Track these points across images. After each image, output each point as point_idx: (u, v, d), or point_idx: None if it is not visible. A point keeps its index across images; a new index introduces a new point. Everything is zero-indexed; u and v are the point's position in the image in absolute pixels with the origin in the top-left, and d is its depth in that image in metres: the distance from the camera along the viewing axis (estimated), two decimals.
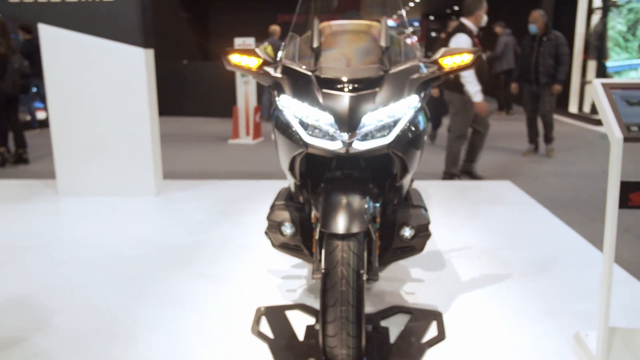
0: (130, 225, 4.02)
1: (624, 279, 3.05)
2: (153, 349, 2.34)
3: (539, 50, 6.57)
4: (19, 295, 2.86)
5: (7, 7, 4.49)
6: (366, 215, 2.03)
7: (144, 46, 4.50)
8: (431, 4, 18.47)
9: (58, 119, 4.66)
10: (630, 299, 2.80)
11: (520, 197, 4.72)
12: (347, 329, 1.95)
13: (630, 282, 3.03)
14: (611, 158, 1.99)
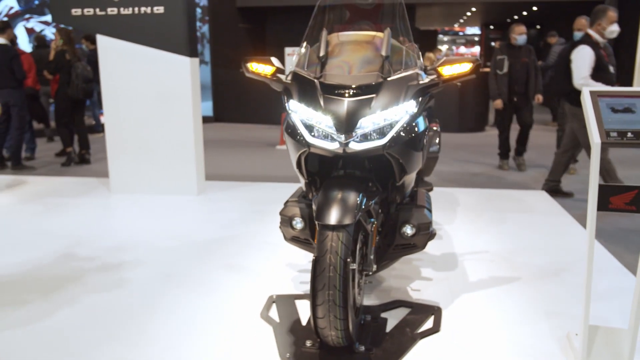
0: (169, 220, 4.36)
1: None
2: (171, 325, 2.61)
3: None
4: (63, 274, 3.22)
5: (69, 19, 4.97)
6: (357, 209, 2.21)
7: (190, 55, 4.86)
8: (491, 13, 18.25)
9: (112, 123, 5.09)
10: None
11: (552, 208, 4.71)
12: (335, 311, 2.13)
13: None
14: (591, 162, 2.09)
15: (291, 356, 2.32)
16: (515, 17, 17.66)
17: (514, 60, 6.29)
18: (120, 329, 2.59)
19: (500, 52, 6.46)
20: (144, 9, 4.81)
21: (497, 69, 6.35)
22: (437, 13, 16.66)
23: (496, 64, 6.36)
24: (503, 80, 6.32)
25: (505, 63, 6.28)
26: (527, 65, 6.29)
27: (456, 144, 8.72)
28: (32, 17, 13.61)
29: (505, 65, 6.28)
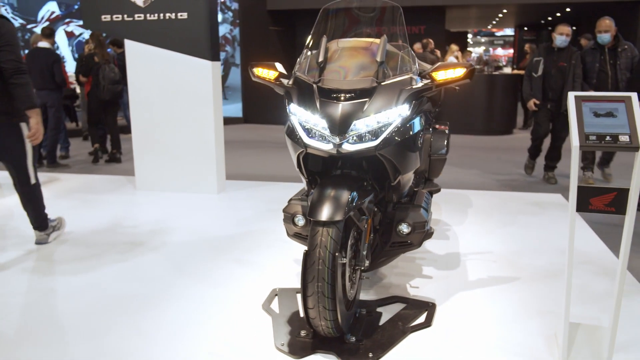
0: (188, 216, 4.56)
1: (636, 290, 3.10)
2: (177, 313, 2.79)
3: (615, 63, 5.74)
4: (83, 264, 3.44)
5: (100, 24, 5.24)
6: (348, 207, 2.33)
7: (212, 59, 5.06)
8: (525, 14, 18.02)
9: (138, 124, 5.34)
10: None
11: (565, 211, 4.71)
12: (324, 303, 2.26)
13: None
14: (571, 164, 2.17)
15: (285, 344, 2.47)
16: (549, 18, 17.41)
17: (550, 64, 5.82)
18: (130, 314, 2.78)
19: (537, 53, 6.06)
20: (169, 15, 5.04)
21: (532, 71, 5.95)
22: (468, 15, 16.56)
23: (532, 66, 5.97)
24: (537, 84, 5.91)
25: (540, 66, 5.87)
26: (564, 70, 5.75)
27: (480, 146, 8.71)
28: (72, 21, 14.16)
29: (540, 68, 5.87)
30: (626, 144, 2.10)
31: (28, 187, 3.66)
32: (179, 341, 2.52)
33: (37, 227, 3.84)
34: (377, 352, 2.40)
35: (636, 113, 2.15)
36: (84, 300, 2.96)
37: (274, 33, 14.19)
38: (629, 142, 2.09)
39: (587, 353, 2.27)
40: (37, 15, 13.64)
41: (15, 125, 3.50)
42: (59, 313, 2.82)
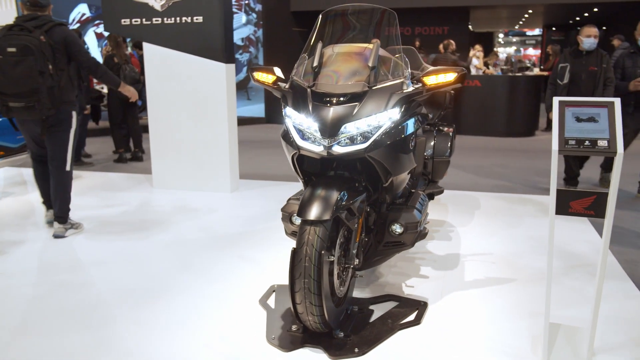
0: (200, 214, 4.71)
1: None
2: (177, 306, 2.92)
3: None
4: (101, 257, 3.61)
5: (119, 28, 5.43)
6: (336, 207, 2.42)
7: (226, 62, 5.20)
8: (552, 15, 17.76)
9: (155, 124, 5.52)
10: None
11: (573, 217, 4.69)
12: (310, 298, 2.36)
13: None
14: (551, 168, 2.21)
15: (276, 338, 2.57)
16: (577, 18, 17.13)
17: (579, 69, 5.33)
18: (132, 307, 2.92)
19: (563, 59, 5.49)
20: (185, 19, 5.20)
21: (558, 79, 5.42)
22: (493, 15, 16.42)
23: (557, 73, 5.45)
24: (562, 93, 5.33)
25: (566, 73, 5.35)
26: (595, 75, 5.28)
27: (500, 148, 8.67)
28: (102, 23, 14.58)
29: (566, 75, 5.35)
30: (604, 149, 2.14)
31: (63, 172, 4.05)
32: (176, 333, 2.64)
33: (58, 219, 4.11)
34: (363, 347, 2.48)
35: (617, 118, 2.19)
36: (90, 293, 3.11)
37: (297, 34, 14.32)
38: (607, 147, 2.13)
39: (568, 353, 2.31)
40: (69, 17, 14.05)
41: (68, 113, 3.96)
42: (65, 304, 2.98)
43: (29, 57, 3.69)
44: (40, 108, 3.76)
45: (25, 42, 3.69)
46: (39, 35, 3.74)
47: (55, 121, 3.92)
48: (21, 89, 3.72)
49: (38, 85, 3.72)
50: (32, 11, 3.93)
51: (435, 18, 14.12)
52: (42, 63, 3.73)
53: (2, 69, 3.71)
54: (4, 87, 3.74)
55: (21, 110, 3.79)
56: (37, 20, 3.85)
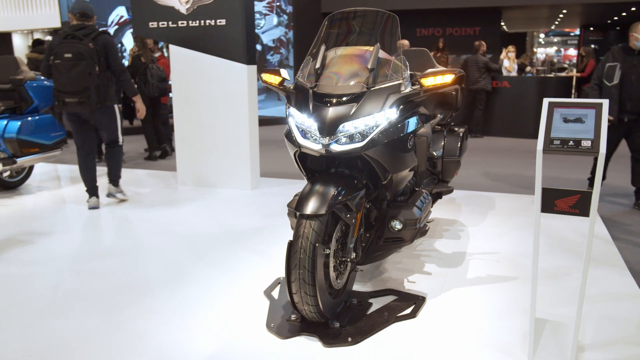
0: (219, 210, 4.89)
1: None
2: (187, 295, 3.09)
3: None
4: (122, 248, 3.83)
5: (147, 30, 5.68)
6: (331, 203, 2.53)
7: (247, 63, 5.37)
8: (588, 14, 17.38)
9: (180, 123, 5.74)
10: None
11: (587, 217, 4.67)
12: (305, 288, 2.48)
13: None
14: (536, 167, 2.28)
15: (275, 326, 2.70)
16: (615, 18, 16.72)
17: (630, 70, 4.92)
18: (145, 295, 3.11)
19: (612, 57, 5.05)
20: (209, 22, 5.39)
21: (605, 79, 5.01)
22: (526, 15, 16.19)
23: (604, 73, 5.02)
24: (612, 94, 4.90)
25: (616, 72, 4.95)
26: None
27: (528, 149, 8.60)
28: None
29: (617, 75, 4.94)
30: (587, 149, 2.19)
31: (117, 145, 5.10)
32: (184, 320, 2.81)
33: (111, 181, 5.13)
34: (356, 337, 2.59)
35: (604, 119, 2.24)
36: (109, 281, 3.32)
37: None
38: (590, 147, 2.19)
39: (553, 348, 2.37)
40: (107, 20, 14.55)
41: (111, 105, 4.88)
42: (85, 291, 3.18)
43: (82, 62, 4.52)
44: (90, 103, 4.59)
45: (78, 49, 4.52)
46: (88, 43, 4.56)
47: (103, 113, 4.78)
48: (75, 87, 4.55)
49: (88, 84, 4.55)
50: (80, 21, 4.71)
51: (466, 19, 14.03)
52: (91, 66, 4.54)
53: (60, 71, 4.55)
54: (62, 85, 4.58)
55: (75, 104, 4.61)
56: (85, 29, 4.64)
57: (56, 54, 4.56)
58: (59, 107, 4.69)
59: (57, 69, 4.58)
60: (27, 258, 3.70)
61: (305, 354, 2.49)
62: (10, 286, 3.25)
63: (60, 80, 4.58)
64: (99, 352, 2.51)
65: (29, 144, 5.39)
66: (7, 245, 3.93)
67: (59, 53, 4.54)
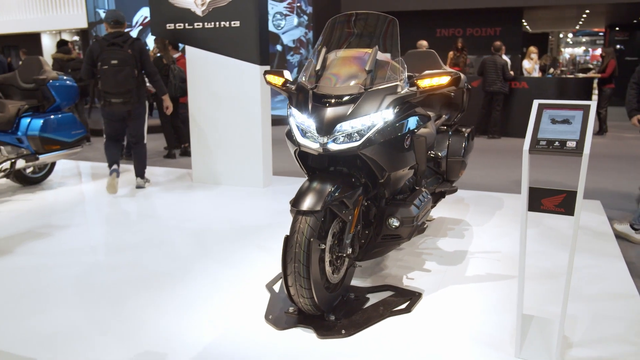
0: (230, 207, 5.03)
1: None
2: (191, 288, 3.22)
3: None
4: (134, 242, 3.98)
5: (165, 31, 5.85)
6: (327, 199, 2.63)
7: (260, 64, 5.50)
8: (614, 14, 17.10)
9: (195, 122, 5.90)
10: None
11: (596, 219, 4.67)
12: (300, 281, 2.58)
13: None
14: (522, 167, 2.34)
15: (273, 317, 2.81)
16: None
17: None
18: (152, 287, 3.25)
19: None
20: (224, 23, 5.53)
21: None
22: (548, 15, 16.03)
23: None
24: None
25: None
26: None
27: None
28: None
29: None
30: (572, 150, 2.25)
31: (141, 144, 5.66)
32: (186, 311, 2.94)
33: (138, 175, 5.74)
34: (350, 330, 2.68)
35: (590, 121, 2.29)
36: (119, 273, 3.47)
37: None
38: (575, 148, 2.24)
39: (539, 343, 2.43)
40: (132, 20, 14.87)
41: (143, 104, 5.52)
42: (95, 282, 3.34)
43: (126, 67, 5.20)
44: (132, 102, 5.29)
45: (123, 55, 5.19)
46: (127, 49, 5.22)
47: (136, 111, 5.41)
48: (121, 89, 5.20)
49: (131, 86, 5.23)
50: (115, 29, 5.32)
51: (486, 19, 13.99)
52: (132, 70, 5.23)
53: (107, 75, 5.17)
54: (109, 88, 5.20)
55: (120, 104, 5.27)
56: (122, 37, 5.29)
57: (103, 60, 5.17)
58: (104, 106, 5.29)
59: (104, 74, 5.18)
60: (42, 250, 3.88)
61: (300, 344, 2.59)
62: (23, 277, 3.42)
63: (108, 83, 5.18)
64: (102, 338, 2.65)
65: (50, 141, 5.60)
66: (25, 238, 4.12)
67: (105, 59, 5.17)
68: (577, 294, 3.14)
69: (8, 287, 3.25)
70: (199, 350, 2.53)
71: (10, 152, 5.34)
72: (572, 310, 2.90)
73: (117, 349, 2.54)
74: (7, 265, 3.59)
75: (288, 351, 2.53)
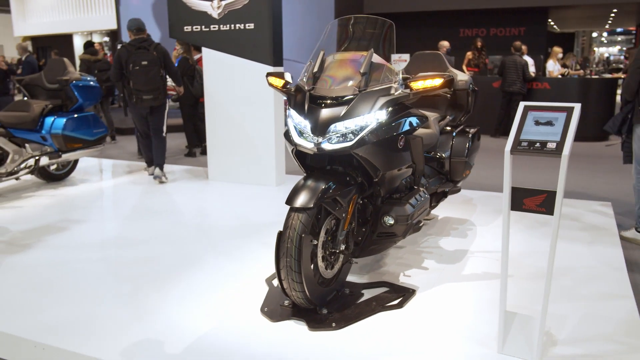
0: (241, 204, 5.17)
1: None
2: (195, 280, 3.37)
3: None
4: (145, 237, 4.15)
5: (182, 34, 6.03)
6: (319, 197, 2.73)
7: (273, 65, 5.63)
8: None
9: (211, 121, 6.07)
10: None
11: (604, 221, 4.65)
12: (292, 275, 2.69)
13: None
14: (504, 167, 2.40)
15: (268, 310, 2.93)
16: None
17: None
18: (157, 279, 3.40)
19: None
20: (239, 25, 5.68)
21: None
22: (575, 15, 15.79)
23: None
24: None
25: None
26: None
27: None
28: None
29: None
30: (551, 151, 2.30)
31: (160, 136, 6.24)
32: (187, 302, 3.08)
33: (158, 166, 6.17)
34: (340, 323, 2.78)
35: (572, 123, 2.34)
36: (129, 265, 3.64)
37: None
38: (554, 149, 2.29)
39: (521, 340, 2.49)
40: None
41: (165, 101, 6.17)
42: (106, 274, 3.51)
43: (155, 67, 5.91)
44: (160, 98, 6.00)
45: (151, 57, 5.88)
46: (153, 52, 5.92)
47: (161, 106, 6.10)
48: (151, 87, 5.91)
49: (159, 84, 5.95)
50: (138, 35, 6.02)
51: (511, 19, 13.88)
52: (159, 70, 5.93)
53: (138, 75, 5.85)
54: (140, 86, 5.87)
55: (150, 100, 5.94)
56: (147, 41, 6.01)
57: (134, 62, 5.84)
58: (136, 102, 5.95)
59: (136, 74, 5.85)
60: (58, 243, 4.07)
61: (291, 335, 2.70)
62: (36, 268, 3.61)
63: (139, 82, 5.86)
64: (105, 325, 2.80)
65: (73, 139, 5.83)
66: (44, 232, 4.33)
67: (136, 61, 5.84)
68: (571, 293, 3.18)
69: (22, 278, 3.45)
70: (194, 338, 2.66)
71: (35, 149, 5.58)
72: (563, 309, 2.95)
73: (119, 336, 2.69)
74: (23, 258, 3.79)
75: (279, 341, 2.65)
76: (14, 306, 3.05)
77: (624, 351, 2.55)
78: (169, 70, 6.12)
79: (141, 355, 2.52)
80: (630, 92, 4.49)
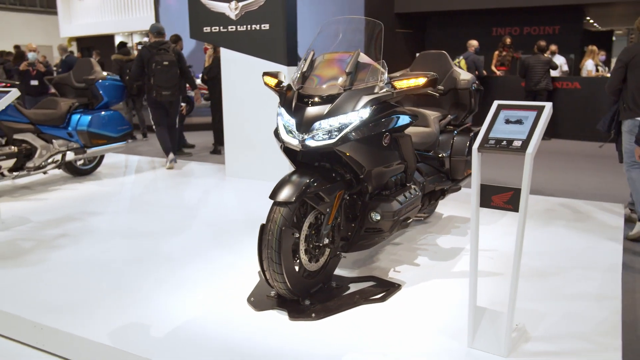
0: (251, 200, 5.33)
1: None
2: (194, 269, 3.53)
3: None
4: (153, 230, 4.35)
5: (202, 35, 6.23)
6: (301, 192, 2.83)
7: (287, 64, 5.76)
8: None
9: (229, 120, 6.25)
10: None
11: (610, 221, 4.58)
12: (272, 267, 2.81)
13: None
14: (473, 165, 2.45)
15: (254, 300, 3.05)
16: None
17: None
18: (160, 268, 3.58)
19: None
20: (255, 26, 5.84)
21: None
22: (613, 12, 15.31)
23: None
24: None
25: None
26: None
27: (591, 154, 8.32)
28: None
29: None
30: (516, 149, 2.34)
31: (174, 128, 7.31)
32: (181, 290, 3.23)
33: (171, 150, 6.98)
34: (320, 314, 2.88)
35: (541, 122, 2.37)
36: (134, 255, 3.83)
37: (401, 35, 14.57)
38: (519, 147, 2.33)
39: (491, 334, 2.53)
40: None
41: (178, 98, 7.11)
42: (111, 263, 3.71)
43: (174, 67, 6.79)
44: (177, 94, 6.92)
45: (170, 58, 6.75)
46: (171, 53, 6.78)
47: (175, 101, 7.01)
48: (170, 84, 6.75)
49: (177, 82, 6.81)
50: (158, 38, 6.87)
51: (545, 17, 13.60)
52: (177, 69, 6.81)
53: (160, 74, 6.65)
54: (162, 83, 6.68)
55: (169, 95, 6.79)
56: (166, 44, 6.88)
57: (156, 62, 6.65)
58: (156, 97, 6.72)
59: (158, 72, 6.64)
60: (73, 233, 4.31)
61: (272, 324, 2.82)
62: (45, 256, 3.85)
63: (161, 79, 6.67)
64: (100, 309, 2.99)
65: (98, 136, 6.12)
66: (60, 223, 4.58)
67: (158, 61, 6.66)
68: (558, 293, 3.19)
69: (30, 263, 3.68)
70: (179, 324, 2.81)
71: (62, 145, 5.87)
72: (545, 308, 2.96)
73: (111, 320, 2.86)
74: (34, 245, 4.04)
75: (259, 330, 2.77)
76: (18, 288, 3.27)
77: (596, 350, 2.56)
78: (182, 70, 6.93)
79: (128, 339, 2.69)
80: (612, 91, 4.64)
